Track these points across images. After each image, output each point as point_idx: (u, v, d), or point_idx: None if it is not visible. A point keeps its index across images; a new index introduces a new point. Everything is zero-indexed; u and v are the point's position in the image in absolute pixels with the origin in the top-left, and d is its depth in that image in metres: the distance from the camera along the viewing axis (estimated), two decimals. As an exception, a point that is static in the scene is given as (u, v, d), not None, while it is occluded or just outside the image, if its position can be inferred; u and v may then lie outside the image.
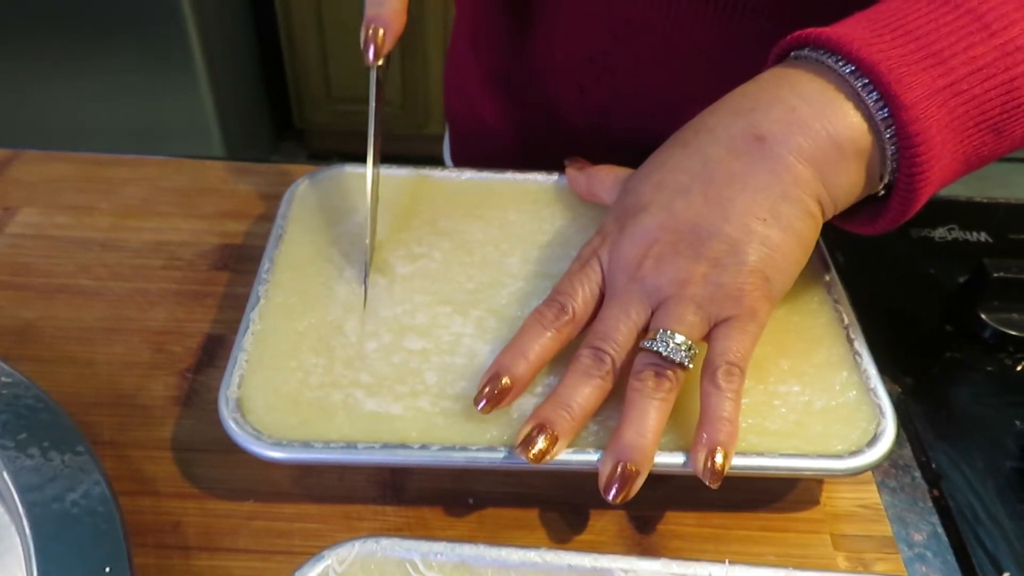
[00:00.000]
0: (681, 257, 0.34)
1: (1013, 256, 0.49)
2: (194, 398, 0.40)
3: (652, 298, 0.35)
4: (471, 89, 0.63)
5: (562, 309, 0.36)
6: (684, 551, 0.35)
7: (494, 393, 0.34)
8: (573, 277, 0.37)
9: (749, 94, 0.37)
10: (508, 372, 0.34)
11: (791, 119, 0.34)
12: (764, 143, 0.35)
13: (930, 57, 0.33)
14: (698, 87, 0.38)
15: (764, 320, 0.35)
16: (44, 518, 0.30)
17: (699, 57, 0.48)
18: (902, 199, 0.35)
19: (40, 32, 1.52)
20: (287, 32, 1.79)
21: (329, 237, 0.44)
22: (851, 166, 0.35)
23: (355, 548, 0.31)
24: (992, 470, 0.40)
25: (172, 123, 1.66)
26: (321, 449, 0.33)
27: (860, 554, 0.35)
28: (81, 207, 0.51)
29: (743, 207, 0.34)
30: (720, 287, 0.34)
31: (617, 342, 0.34)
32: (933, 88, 0.33)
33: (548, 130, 0.58)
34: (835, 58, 0.34)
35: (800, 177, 0.34)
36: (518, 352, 0.35)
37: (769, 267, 0.34)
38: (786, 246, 0.34)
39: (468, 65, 0.62)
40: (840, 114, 0.34)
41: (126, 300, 0.45)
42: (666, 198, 0.36)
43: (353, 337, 0.38)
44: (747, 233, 0.34)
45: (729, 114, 0.37)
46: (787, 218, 0.34)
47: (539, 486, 0.37)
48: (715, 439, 0.32)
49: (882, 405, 0.36)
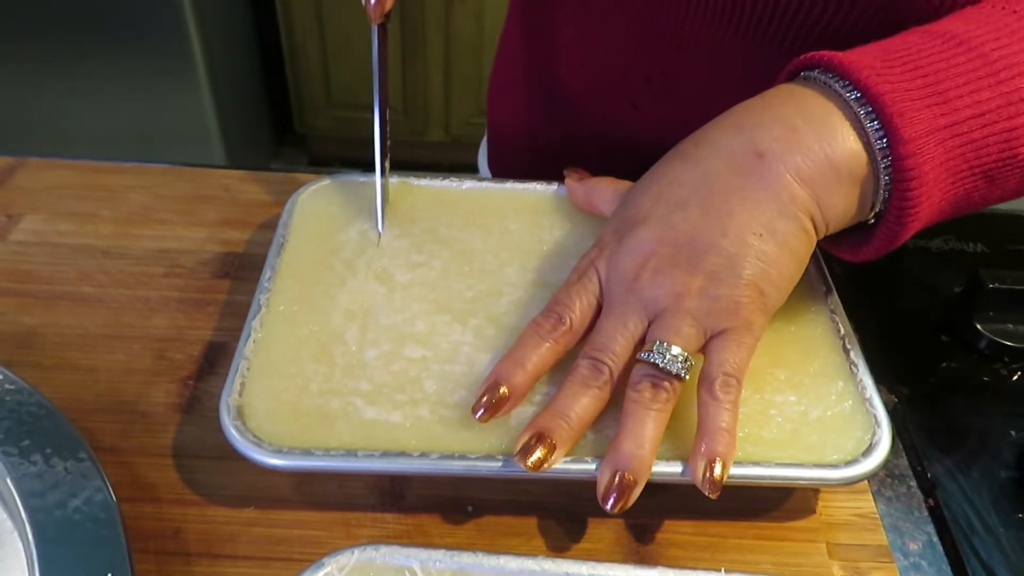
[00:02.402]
0: (678, 270, 0.35)
1: (1009, 267, 0.49)
2: (195, 405, 0.40)
3: (649, 310, 0.35)
4: (518, 99, 0.63)
5: (559, 320, 0.36)
6: (681, 559, 0.35)
7: (492, 402, 0.34)
8: (571, 288, 0.37)
9: (753, 110, 0.37)
10: (506, 381, 0.35)
11: (792, 139, 0.35)
12: (764, 160, 0.35)
13: (935, 95, 0.34)
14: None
15: (759, 333, 0.35)
16: (46, 524, 0.30)
17: (753, 77, 0.49)
18: (889, 231, 0.36)
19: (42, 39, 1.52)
20: (288, 37, 1.79)
21: (331, 245, 0.44)
22: (846, 190, 0.35)
23: (354, 555, 0.31)
24: (987, 480, 0.41)
25: (173, 128, 1.66)
26: (321, 456, 0.34)
27: (856, 563, 0.36)
28: (83, 214, 0.51)
29: (740, 222, 0.35)
30: (716, 300, 0.34)
31: (615, 352, 0.35)
32: (934, 126, 0.33)
33: (597, 145, 0.58)
34: (843, 83, 0.35)
35: (796, 196, 0.35)
36: (516, 362, 0.35)
37: (764, 281, 0.35)
38: (781, 261, 0.35)
39: (516, 76, 0.63)
40: (840, 138, 0.35)
41: (128, 307, 0.45)
42: (664, 211, 0.36)
43: (353, 345, 0.38)
44: (743, 247, 0.35)
45: (731, 129, 0.37)
46: (783, 234, 0.35)
47: (537, 494, 0.37)
48: (713, 450, 0.33)
49: (878, 415, 0.36)
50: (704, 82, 0.51)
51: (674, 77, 0.51)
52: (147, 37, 1.53)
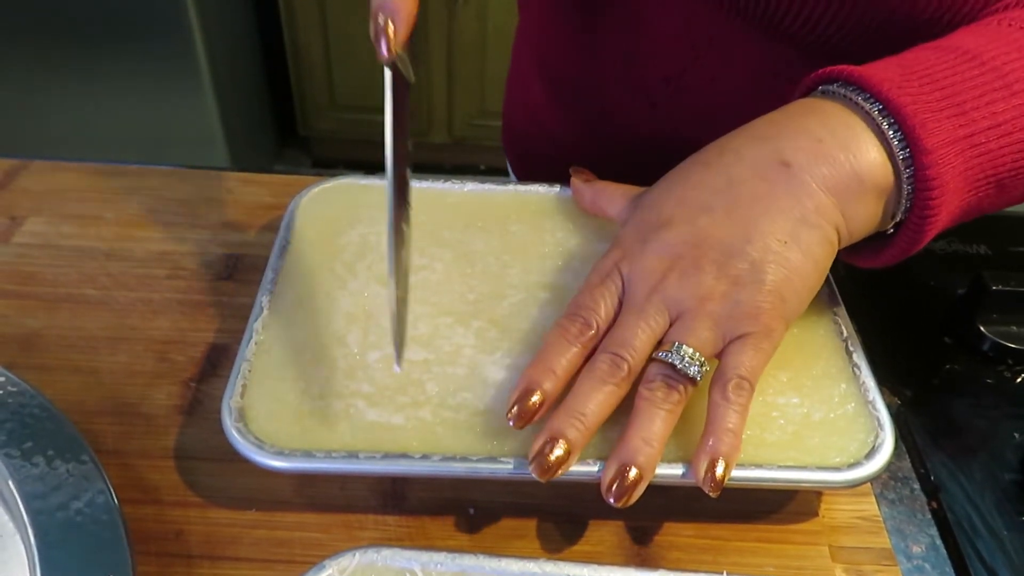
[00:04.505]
0: (704, 273, 0.35)
1: (1012, 269, 0.49)
2: (197, 407, 0.40)
3: (672, 310, 0.35)
4: (534, 98, 0.64)
5: (586, 324, 0.36)
6: (682, 562, 0.35)
7: (524, 409, 0.34)
8: (594, 290, 0.37)
9: (775, 122, 0.38)
10: (539, 387, 0.34)
11: (817, 149, 0.35)
12: (790, 169, 0.36)
13: (953, 107, 0.34)
14: (772, 107, 0.39)
15: (778, 340, 0.35)
16: (48, 526, 0.31)
17: (772, 75, 0.49)
18: (909, 238, 0.36)
19: (46, 42, 1.53)
20: (291, 39, 1.79)
21: (333, 248, 0.44)
22: (870, 200, 0.36)
23: (356, 558, 0.31)
24: (991, 482, 0.41)
25: (177, 131, 1.66)
26: (323, 459, 0.34)
27: (858, 566, 0.36)
28: (87, 217, 0.52)
29: (765, 228, 0.35)
30: (738, 305, 0.34)
31: (636, 348, 0.35)
32: (954, 137, 0.34)
33: (614, 142, 0.58)
34: (864, 95, 0.35)
35: (822, 205, 0.35)
36: (547, 368, 0.35)
37: (786, 288, 0.35)
38: (804, 269, 0.35)
39: (531, 75, 0.63)
40: (864, 149, 0.35)
41: (130, 309, 0.45)
42: (690, 214, 0.37)
43: (355, 348, 0.38)
44: (767, 253, 0.35)
45: (754, 139, 0.37)
46: (806, 242, 0.35)
47: (539, 496, 0.37)
48: (718, 449, 0.33)
49: (880, 417, 0.36)
50: (722, 81, 0.51)
51: (693, 76, 0.52)
52: (151, 40, 1.53)
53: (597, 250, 0.43)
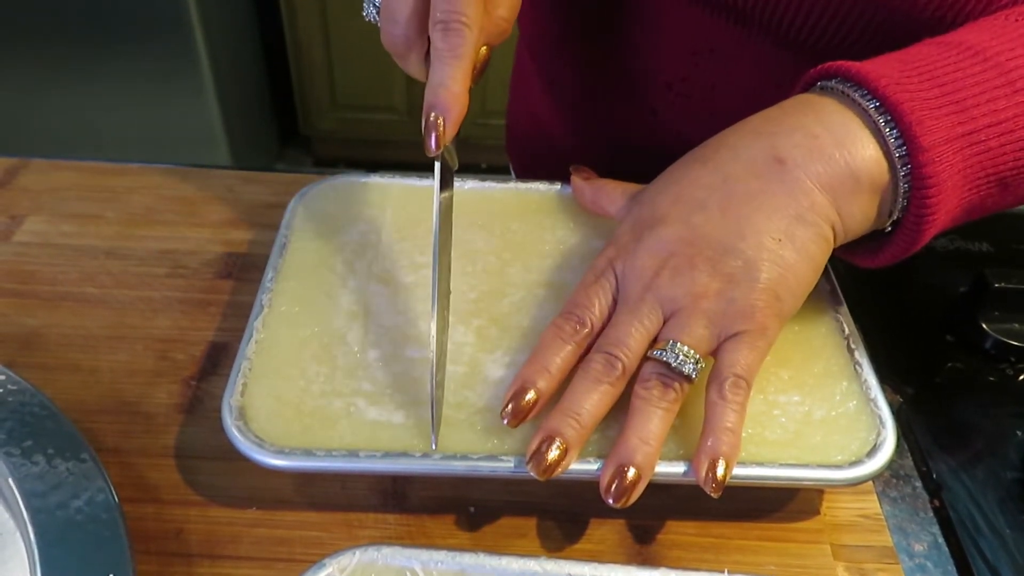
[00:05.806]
0: (698, 271, 0.35)
1: (1015, 266, 0.49)
2: (197, 406, 0.40)
3: (665, 308, 0.35)
4: (536, 104, 0.64)
5: (581, 322, 0.36)
6: (684, 561, 0.35)
7: (519, 408, 0.34)
8: (588, 289, 0.37)
9: (772, 118, 0.37)
10: (533, 386, 0.34)
11: (812, 146, 0.35)
12: (784, 166, 0.35)
13: (953, 104, 0.34)
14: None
15: (773, 338, 0.35)
16: (48, 524, 0.30)
17: (774, 78, 0.49)
18: (906, 237, 0.36)
19: (47, 41, 1.53)
20: (293, 39, 1.79)
21: (333, 246, 0.44)
22: (865, 198, 0.35)
23: (356, 556, 0.31)
24: (993, 480, 0.40)
25: (178, 130, 1.67)
26: (323, 457, 0.33)
27: (860, 564, 0.36)
28: (87, 215, 0.52)
29: (759, 226, 0.35)
30: (733, 303, 0.34)
31: (630, 347, 0.35)
32: (952, 134, 0.34)
33: (616, 148, 0.58)
34: (861, 92, 0.35)
35: (816, 202, 0.35)
36: (541, 366, 0.35)
37: (781, 286, 0.35)
38: (799, 267, 0.35)
39: (532, 81, 0.63)
40: (860, 147, 0.35)
41: (130, 308, 0.45)
42: (684, 211, 0.36)
43: (355, 346, 0.38)
44: (761, 251, 0.35)
45: (750, 135, 0.37)
46: (801, 240, 0.35)
47: (539, 495, 0.37)
48: (717, 449, 0.32)
49: (882, 415, 0.36)
50: (724, 86, 0.51)
51: (694, 82, 0.52)
52: (152, 39, 1.53)
53: (597, 248, 0.43)
